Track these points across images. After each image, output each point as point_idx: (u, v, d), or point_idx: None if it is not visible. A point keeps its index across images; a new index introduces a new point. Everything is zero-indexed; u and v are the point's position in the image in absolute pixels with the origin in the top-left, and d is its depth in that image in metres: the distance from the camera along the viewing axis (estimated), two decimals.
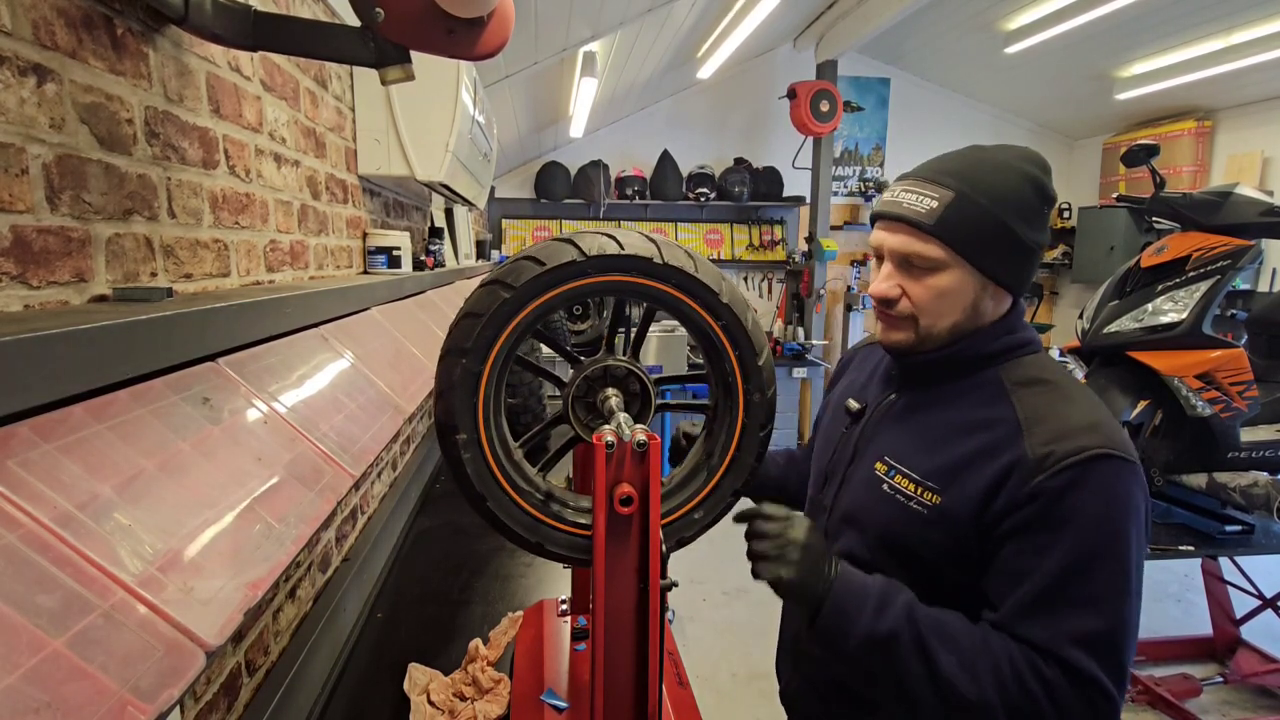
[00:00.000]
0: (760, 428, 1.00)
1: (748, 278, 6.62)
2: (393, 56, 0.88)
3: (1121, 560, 0.79)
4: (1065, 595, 0.79)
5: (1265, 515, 2.19)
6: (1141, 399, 2.22)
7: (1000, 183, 0.89)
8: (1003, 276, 0.91)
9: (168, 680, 0.55)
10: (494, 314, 0.86)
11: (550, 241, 0.89)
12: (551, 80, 4.01)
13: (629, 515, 0.82)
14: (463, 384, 0.88)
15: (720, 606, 3.52)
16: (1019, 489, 0.81)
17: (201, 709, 1.00)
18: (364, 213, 1.95)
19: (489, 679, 1.32)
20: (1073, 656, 0.77)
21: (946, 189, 0.89)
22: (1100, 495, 0.79)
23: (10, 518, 0.52)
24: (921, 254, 0.90)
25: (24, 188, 0.67)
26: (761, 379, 0.96)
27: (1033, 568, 0.80)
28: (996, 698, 0.77)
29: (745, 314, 0.94)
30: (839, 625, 0.83)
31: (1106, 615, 0.78)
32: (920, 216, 0.89)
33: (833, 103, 5.26)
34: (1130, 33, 4.71)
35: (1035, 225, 0.91)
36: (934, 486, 0.89)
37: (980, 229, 0.88)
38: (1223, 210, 2.13)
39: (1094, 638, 0.77)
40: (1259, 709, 2.73)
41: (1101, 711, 0.77)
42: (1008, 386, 0.90)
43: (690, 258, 0.91)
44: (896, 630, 0.81)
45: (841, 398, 1.12)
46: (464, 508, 0.93)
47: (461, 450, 0.90)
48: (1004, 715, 0.76)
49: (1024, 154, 0.93)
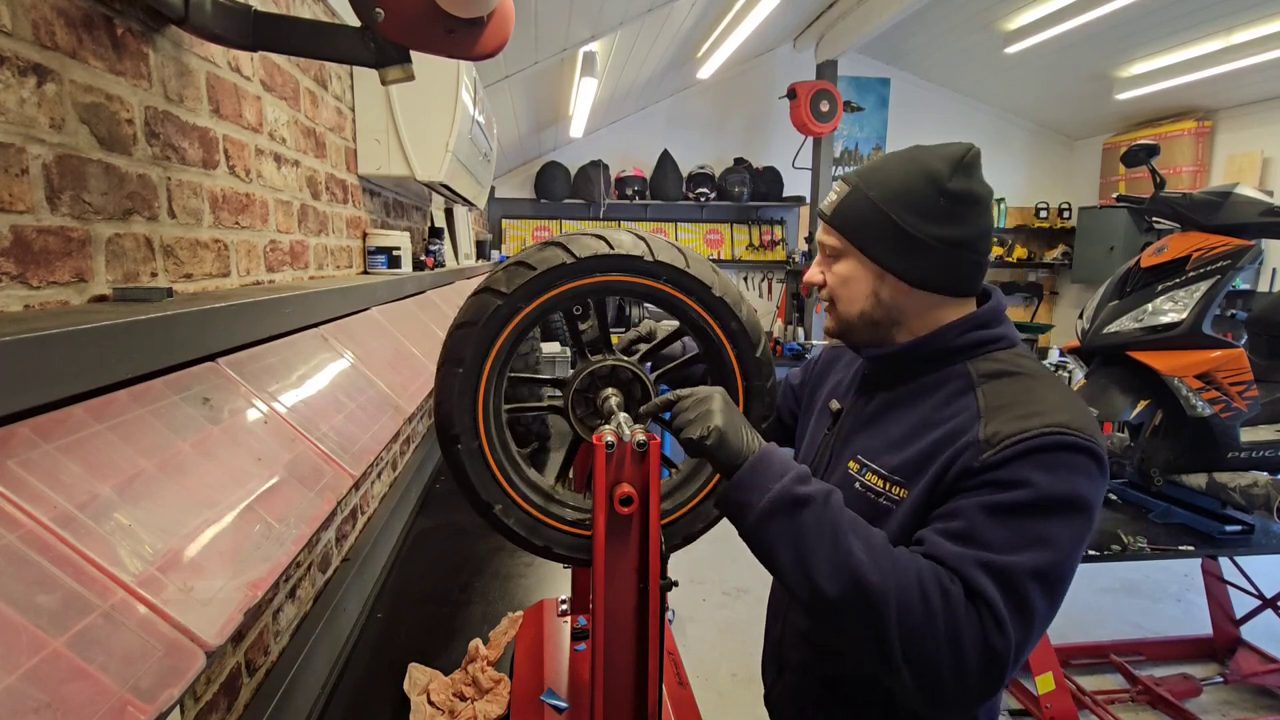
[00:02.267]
0: (762, 420, 1.01)
1: (748, 278, 6.62)
2: (393, 56, 0.88)
3: (1053, 527, 0.77)
4: (984, 533, 0.77)
5: (1265, 515, 2.18)
6: (1141, 399, 2.22)
7: (892, 177, 0.92)
8: (898, 268, 0.93)
9: (168, 680, 0.55)
10: (488, 320, 0.87)
11: (541, 245, 0.89)
12: (551, 80, 4.01)
13: (629, 515, 0.82)
14: (461, 391, 0.88)
15: (720, 606, 3.52)
16: (967, 466, 0.82)
17: (201, 709, 0.99)
18: (364, 213, 1.95)
19: (489, 679, 1.32)
20: (975, 577, 0.74)
21: (847, 184, 0.96)
22: (1045, 469, 0.78)
23: (10, 518, 0.52)
24: (826, 242, 0.99)
25: (24, 188, 0.67)
26: (760, 371, 0.96)
27: (960, 511, 0.80)
28: (893, 591, 0.73)
29: (740, 307, 0.94)
30: (756, 480, 0.81)
31: (1022, 559, 0.75)
32: (825, 208, 0.98)
33: (833, 103, 5.26)
34: (1130, 33, 4.71)
35: (932, 218, 0.90)
36: (900, 480, 0.90)
37: (863, 218, 0.93)
38: (1223, 210, 2.13)
39: (1001, 569, 0.75)
40: (1259, 709, 2.73)
41: (993, 642, 0.73)
42: (975, 379, 0.91)
43: (681, 254, 0.91)
44: (813, 496, 0.79)
45: (827, 397, 1.13)
46: (464, 507, 0.93)
47: (462, 454, 0.90)
48: (894, 611, 0.73)
49: (943, 151, 0.92)
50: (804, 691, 1.06)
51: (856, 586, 0.74)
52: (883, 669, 0.75)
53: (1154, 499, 2.43)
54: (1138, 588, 3.70)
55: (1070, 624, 3.26)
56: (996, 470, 0.80)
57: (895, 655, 0.73)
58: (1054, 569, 0.77)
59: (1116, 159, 5.89)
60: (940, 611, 0.73)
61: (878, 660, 0.75)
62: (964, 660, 0.72)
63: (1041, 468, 0.78)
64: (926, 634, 0.72)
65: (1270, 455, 2.24)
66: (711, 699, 2.81)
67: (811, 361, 1.29)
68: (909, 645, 0.73)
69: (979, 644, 0.73)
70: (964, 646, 0.72)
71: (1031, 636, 0.76)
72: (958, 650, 0.72)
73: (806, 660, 1.05)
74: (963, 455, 0.83)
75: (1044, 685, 2.11)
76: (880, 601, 0.73)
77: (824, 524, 0.78)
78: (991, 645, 0.73)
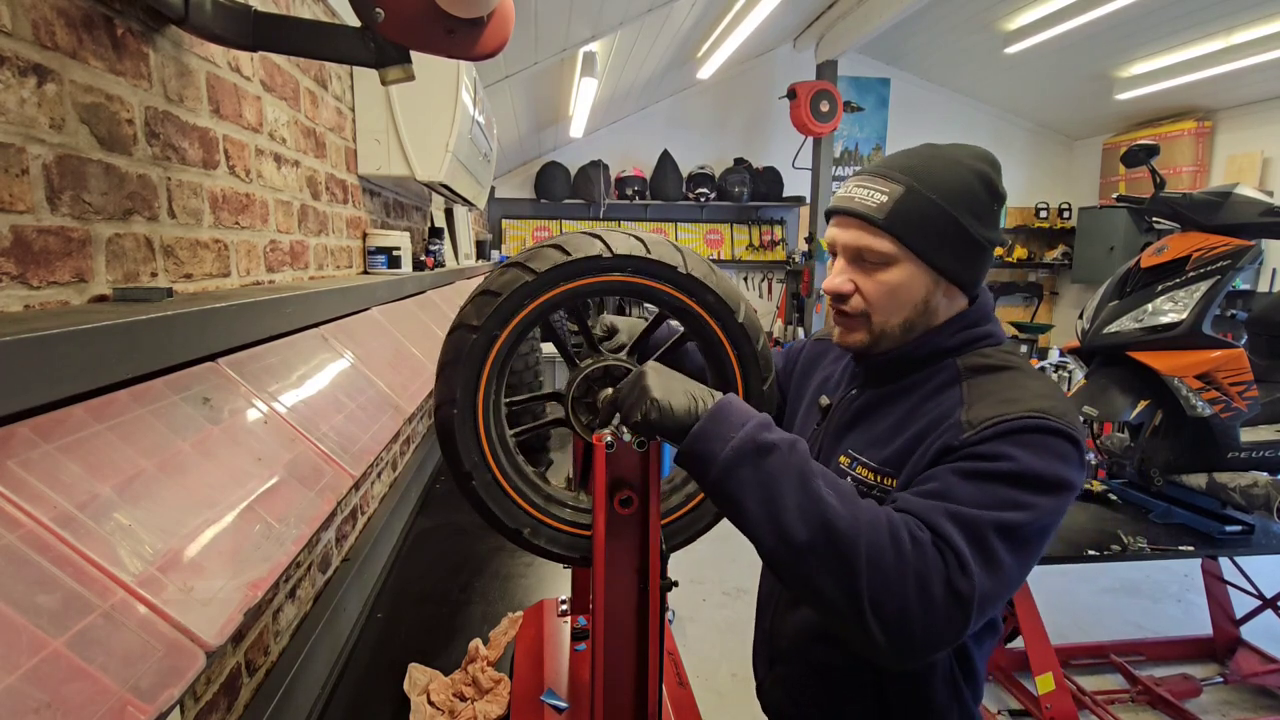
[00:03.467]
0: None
1: (748, 278, 6.62)
2: (393, 56, 0.88)
3: (1026, 496, 0.77)
4: (956, 491, 0.77)
5: (1265, 515, 2.18)
6: (1141, 399, 2.22)
7: (950, 178, 0.90)
8: (954, 272, 0.92)
9: (168, 680, 0.55)
10: (467, 356, 0.86)
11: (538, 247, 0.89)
12: (551, 80, 4.01)
13: (629, 515, 0.82)
14: (462, 429, 0.88)
15: (720, 606, 3.52)
16: (947, 444, 0.83)
17: (201, 709, 0.99)
18: (364, 213, 1.95)
19: (489, 679, 1.32)
20: (942, 525, 0.74)
21: (897, 183, 0.90)
22: (1024, 448, 0.78)
23: (10, 518, 0.52)
24: (873, 248, 0.91)
25: (24, 188, 0.67)
26: (759, 369, 0.96)
27: (935, 475, 0.81)
28: (864, 535, 0.72)
29: (739, 306, 0.94)
30: (717, 430, 0.76)
31: (990, 514, 0.75)
32: (871, 211, 0.90)
33: (833, 103, 5.27)
34: (1130, 33, 4.71)
35: (986, 221, 0.91)
36: (890, 472, 0.91)
37: (930, 223, 0.89)
38: (1223, 210, 2.13)
39: (968, 519, 0.75)
40: (1259, 709, 2.72)
41: (958, 584, 0.72)
42: (962, 373, 0.91)
43: (679, 252, 0.91)
44: (778, 443, 0.75)
45: (817, 392, 1.13)
46: (464, 507, 0.93)
47: (478, 488, 0.90)
48: (864, 555, 0.71)
49: (975, 152, 0.94)
50: (795, 681, 1.06)
51: (826, 531, 0.72)
52: (851, 617, 0.72)
53: (1154, 499, 2.43)
54: (1138, 588, 3.70)
55: (1070, 624, 3.27)
56: (975, 447, 0.81)
57: (863, 599, 0.71)
58: (1022, 528, 0.76)
59: (1116, 159, 5.89)
60: (910, 554, 0.72)
61: (846, 607, 0.72)
62: (931, 600, 0.71)
63: (1020, 446, 0.79)
64: (895, 578, 0.71)
65: (1270, 455, 2.24)
66: (711, 699, 2.81)
67: (795, 349, 1.26)
68: (877, 588, 0.71)
69: (944, 584, 0.72)
70: (930, 586, 0.71)
71: (998, 589, 0.75)
72: (925, 590, 0.71)
73: (796, 649, 1.06)
74: (944, 436, 0.84)
75: (1044, 685, 2.10)
76: (849, 545, 0.71)
77: (790, 469, 0.74)
78: (956, 587, 0.72)
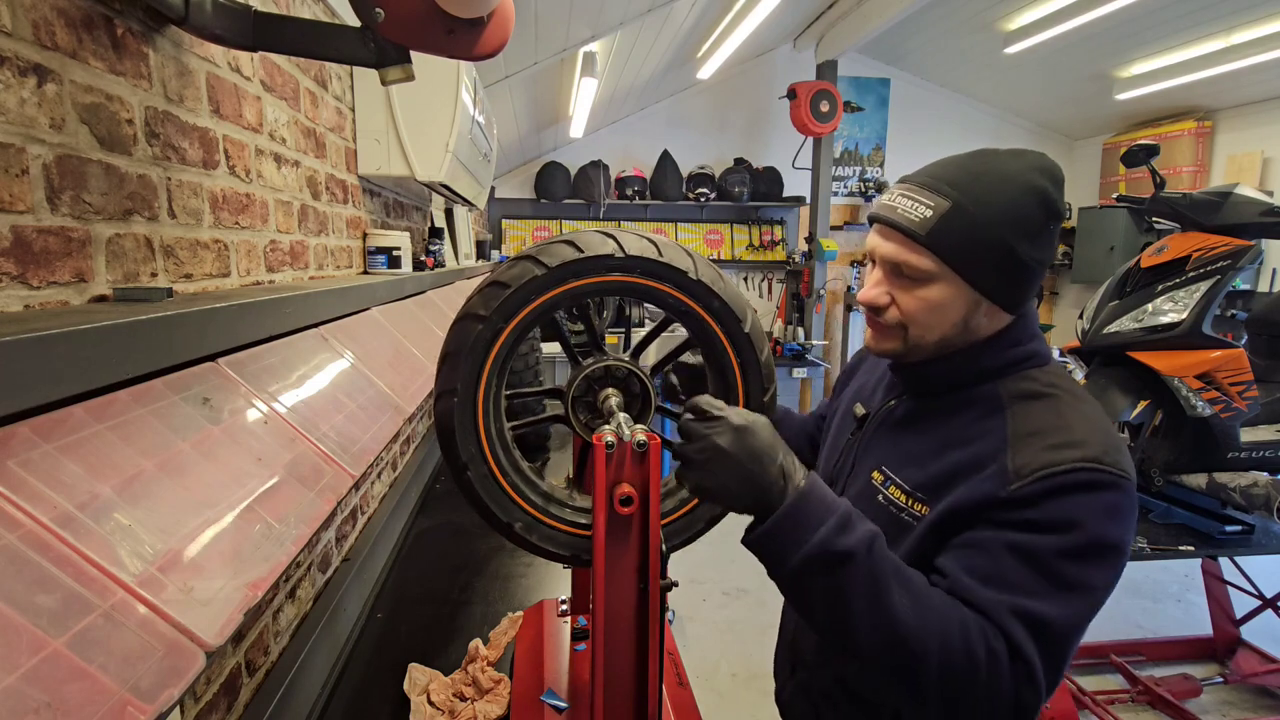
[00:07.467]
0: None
1: (748, 278, 6.61)
2: (393, 56, 0.88)
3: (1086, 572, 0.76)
4: (1018, 575, 0.75)
5: (1265, 515, 2.18)
6: (1141, 399, 2.22)
7: (1001, 195, 0.84)
8: (997, 294, 0.87)
9: (168, 680, 0.55)
10: (471, 346, 0.86)
11: (550, 242, 0.89)
12: (551, 80, 4.01)
13: (629, 515, 0.82)
14: (461, 420, 0.88)
15: (720, 606, 3.52)
16: (992, 494, 0.79)
17: (201, 709, 0.99)
18: (364, 213, 1.95)
19: (489, 679, 1.32)
20: (1015, 631, 0.73)
21: (944, 198, 0.85)
22: (1076, 512, 0.76)
23: (10, 518, 0.52)
24: (912, 264, 0.87)
25: (24, 188, 0.67)
26: (761, 379, 0.96)
27: (986, 545, 0.78)
28: (936, 650, 0.72)
29: (746, 315, 0.94)
30: (792, 534, 0.74)
31: (1058, 607, 0.74)
32: (913, 225, 0.86)
33: (833, 103, 5.26)
34: (1130, 33, 4.71)
35: (1038, 243, 0.86)
36: (922, 498, 0.88)
37: (974, 243, 0.84)
38: (1223, 210, 2.13)
39: (1041, 622, 0.73)
40: (1259, 709, 2.72)
41: (1025, 698, 0.73)
42: (1004, 400, 0.87)
43: (689, 257, 0.91)
44: (854, 550, 0.73)
45: (851, 400, 1.11)
46: (464, 507, 0.93)
47: (473, 479, 0.90)
48: (935, 670, 0.71)
49: (1036, 163, 0.87)
50: (817, 690, 1.05)
51: (895, 647, 0.73)
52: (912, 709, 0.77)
53: (1154, 499, 2.43)
54: (1138, 588, 3.70)
55: None
56: (1024, 508, 0.77)
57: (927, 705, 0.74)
58: (1086, 618, 0.77)
59: (1116, 159, 5.88)
60: (983, 670, 0.72)
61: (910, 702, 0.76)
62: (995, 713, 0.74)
63: (1075, 509, 0.76)
64: (965, 689, 0.73)
65: (1270, 455, 2.24)
66: (711, 699, 2.81)
67: (850, 364, 1.25)
68: (948, 698, 0.73)
69: (1012, 697, 0.73)
70: (998, 699, 0.73)
71: (1058, 680, 0.77)
72: (992, 702, 0.73)
73: (820, 658, 1.04)
74: (987, 482, 0.80)
75: None
76: (919, 660, 0.72)
77: (862, 581, 0.73)
78: (1023, 700, 0.74)
